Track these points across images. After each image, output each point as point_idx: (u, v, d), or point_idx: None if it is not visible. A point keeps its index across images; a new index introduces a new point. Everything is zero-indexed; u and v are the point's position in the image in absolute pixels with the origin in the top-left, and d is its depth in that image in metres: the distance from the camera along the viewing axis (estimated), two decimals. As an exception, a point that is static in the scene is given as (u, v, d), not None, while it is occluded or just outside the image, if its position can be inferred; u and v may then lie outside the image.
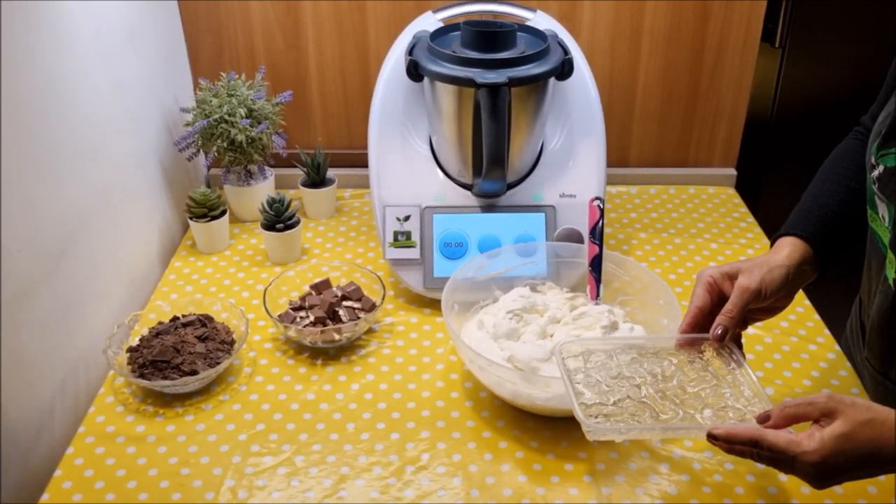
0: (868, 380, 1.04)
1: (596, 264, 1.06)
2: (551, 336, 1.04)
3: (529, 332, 1.03)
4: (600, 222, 1.05)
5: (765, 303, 0.88)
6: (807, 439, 0.72)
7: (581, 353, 0.89)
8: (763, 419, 0.77)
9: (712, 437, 0.77)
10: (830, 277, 0.94)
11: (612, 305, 1.09)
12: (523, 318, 1.05)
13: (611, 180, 1.55)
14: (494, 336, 1.04)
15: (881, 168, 0.87)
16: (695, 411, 0.82)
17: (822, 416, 0.73)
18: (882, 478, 0.92)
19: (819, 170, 1.01)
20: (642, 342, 0.92)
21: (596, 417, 0.81)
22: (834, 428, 0.71)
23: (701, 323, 0.88)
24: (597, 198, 1.05)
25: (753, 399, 0.82)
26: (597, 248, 1.06)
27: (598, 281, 1.07)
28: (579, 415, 0.81)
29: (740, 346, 0.89)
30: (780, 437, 0.73)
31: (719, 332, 0.86)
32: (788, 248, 0.91)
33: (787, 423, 0.75)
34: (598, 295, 1.07)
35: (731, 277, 0.88)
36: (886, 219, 0.88)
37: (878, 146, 0.88)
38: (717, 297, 0.89)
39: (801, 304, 1.23)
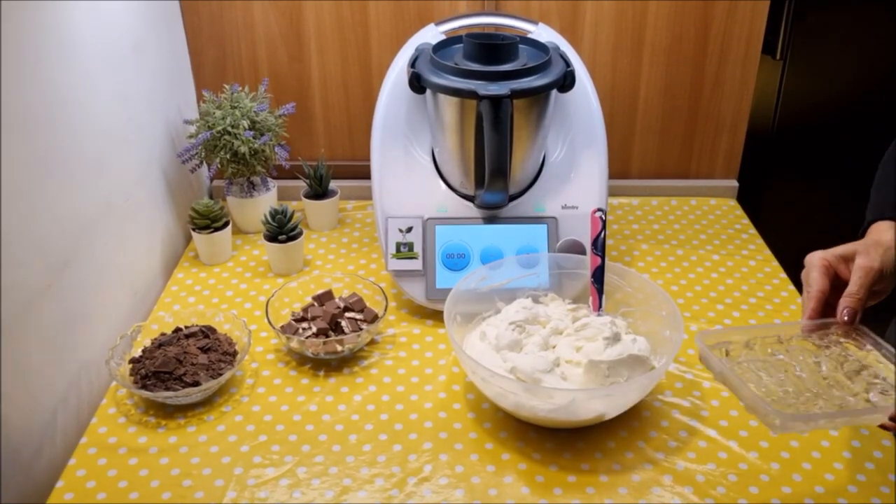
0: None
1: (598, 275, 1.07)
2: (553, 347, 1.04)
3: (532, 344, 1.03)
4: (602, 234, 1.05)
5: (879, 285, 0.86)
6: None
7: (718, 344, 0.86)
8: None
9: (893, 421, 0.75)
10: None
11: (614, 317, 1.09)
12: (525, 330, 1.05)
13: (612, 192, 1.55)
14: (496, 347, 1.04)
15: None
16: (855, 396, 0.79)
17: None
18: None
19: (889, 151, 0.99)
20: (774, 330, 0.89)
21: None
22: None
23: (823, 308, 0.86)
24: (599, 209, 1.06)
25: None
26: (599, 260, 1.06)
27: (600, 292, 1.07)
28: (766, 408, 0.76)
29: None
30: None
31: (847, 314, 0.83)
32: (890, 231, 0.89)
33: None
34: (600, 306, 1.07)
35: (847, 259, 0.86)
36: None
37: None
38: (833, 281, 0.87)
39: (794, 301, 1.24)
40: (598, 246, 1.06)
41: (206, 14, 1.44)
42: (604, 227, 1.05)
